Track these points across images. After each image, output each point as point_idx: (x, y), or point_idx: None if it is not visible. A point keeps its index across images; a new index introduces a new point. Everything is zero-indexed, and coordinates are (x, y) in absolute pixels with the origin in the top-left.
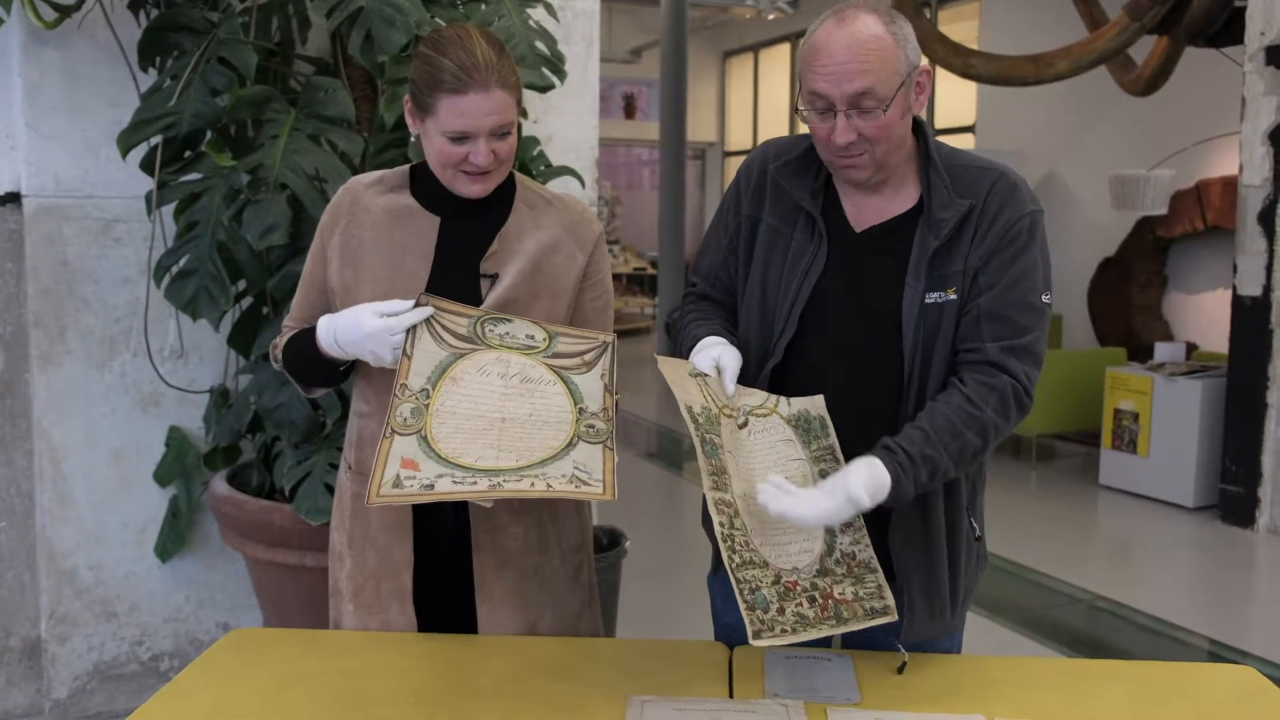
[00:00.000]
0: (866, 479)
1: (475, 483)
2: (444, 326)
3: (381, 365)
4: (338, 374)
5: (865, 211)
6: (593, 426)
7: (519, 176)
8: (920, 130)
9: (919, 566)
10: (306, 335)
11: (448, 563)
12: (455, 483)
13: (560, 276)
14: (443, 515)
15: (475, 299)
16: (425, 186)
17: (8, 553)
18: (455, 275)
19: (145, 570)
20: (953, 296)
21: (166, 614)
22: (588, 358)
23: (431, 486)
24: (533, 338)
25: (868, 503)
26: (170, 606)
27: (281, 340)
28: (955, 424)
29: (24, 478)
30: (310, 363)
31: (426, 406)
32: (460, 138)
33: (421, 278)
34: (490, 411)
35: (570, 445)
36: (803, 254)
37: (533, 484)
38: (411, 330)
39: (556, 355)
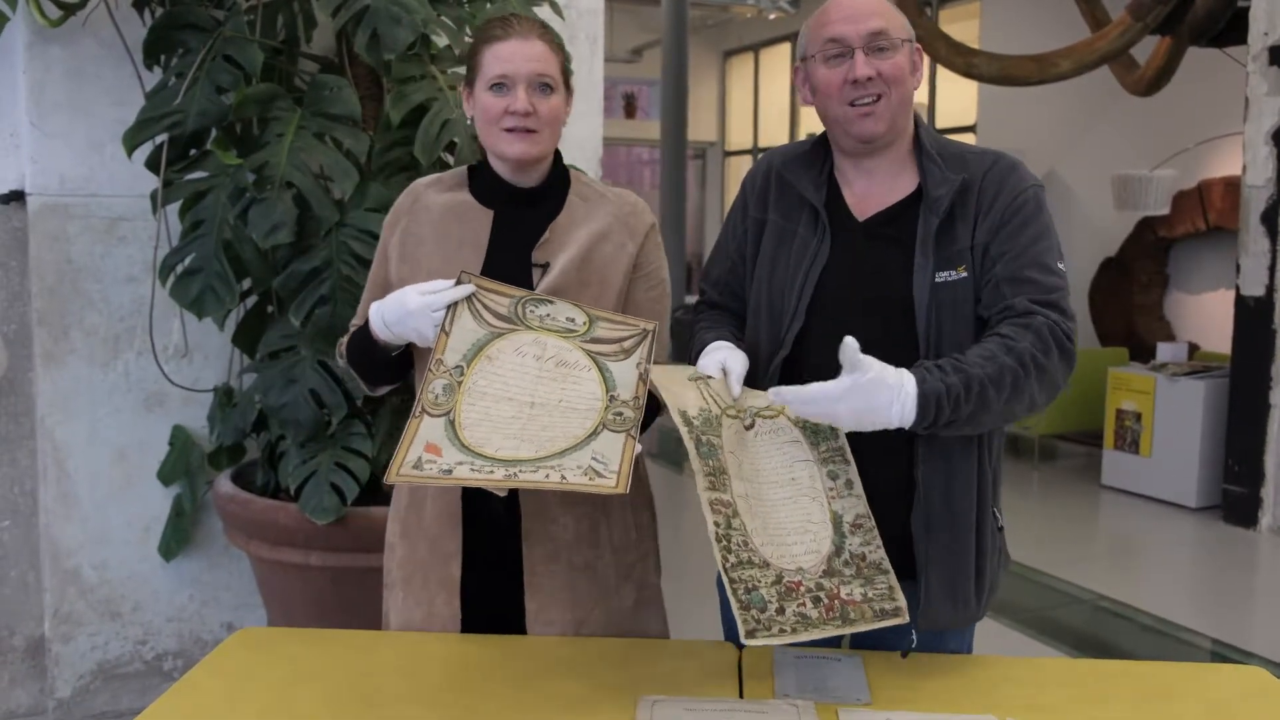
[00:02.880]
0: (875, 362)
1: (492, 471)
2: (485, 306)
3: (426, 345)
4: (396, 364)
5: (867, 201)
6: (620, 414)
7: (574, 173)
8: (915, 119)
9: (941, 553)
10: (365, 329)
11: (497, 556)
12: (473, 470)
13: (609, 265)
14: (493, 506)
15: (526, 288)
16: (482, 183)
17: (11, 552)
18: (507, 265)
19: (149, 569)
20: (963, 274)
21: (170, 613)
22: (626, 345)
23: (450, 472)
24: (573, 320)
25: (869, 373)
26: (174, 606)
27: (346, 338)
28: (989, 349)
29: (28, 476)
30: (367, 354)
31: (459, 384)
32: (500, 85)
33: (474, 268)
34: (521, 394)
35: (594, 434)
36: (807, 246)
37: (548, 475)
38: (452, 308)
39: (595, 340)
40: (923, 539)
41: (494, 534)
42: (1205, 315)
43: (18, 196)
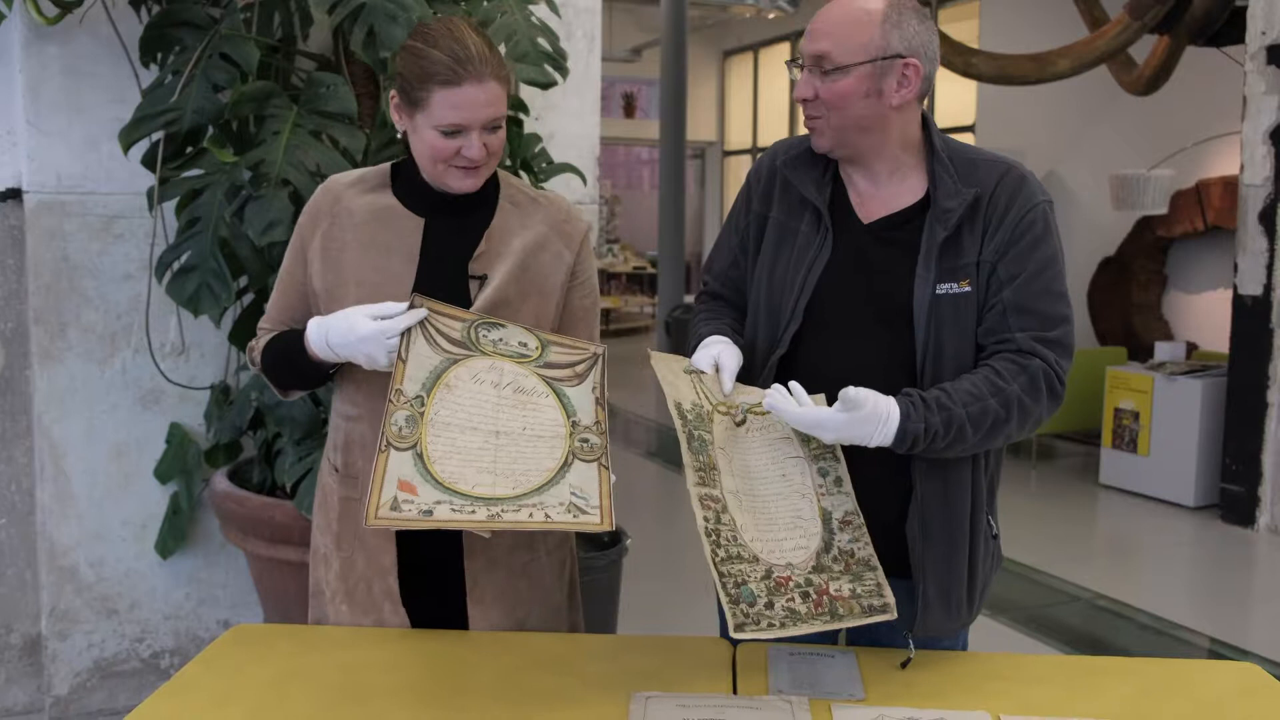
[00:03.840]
0: (869, 396)
1: (474, 512)
2: (438, 330)
3: (375, 368)
4: (322, 376)
5: (872, 204)
6: (587, 441)
7: (502, 174)
8: (926, 123)
9: (937, 562)
10: (290, 337)
11: (436, 563)
12: (454, 510)
13: (548, 275)
14: None
15: (464, 300)
16: (407, 185)
17: (8, 549)
18: (442, 276)
19: (146, 567)
20: (966, 289)
21: (167, 611)
22: (579, 369)
23: (430, 513)
24: (525, 345)
25: (863, 409)
26: (171, 603)
27: (259, 343)
28: (978, 388)
29: (24, 474)
30: (294, 365)
31: (421, 415)
32: (453, 131)
33: (408, 281)
34: (485, 424)
35: (566, 465)
36: (809, 246)
37: (531, 514)
38: (406, 333)
39: (549, 365)
40: (919, 545)
41: (431, 544)
42: (1203, 315)
43: (14, 194)
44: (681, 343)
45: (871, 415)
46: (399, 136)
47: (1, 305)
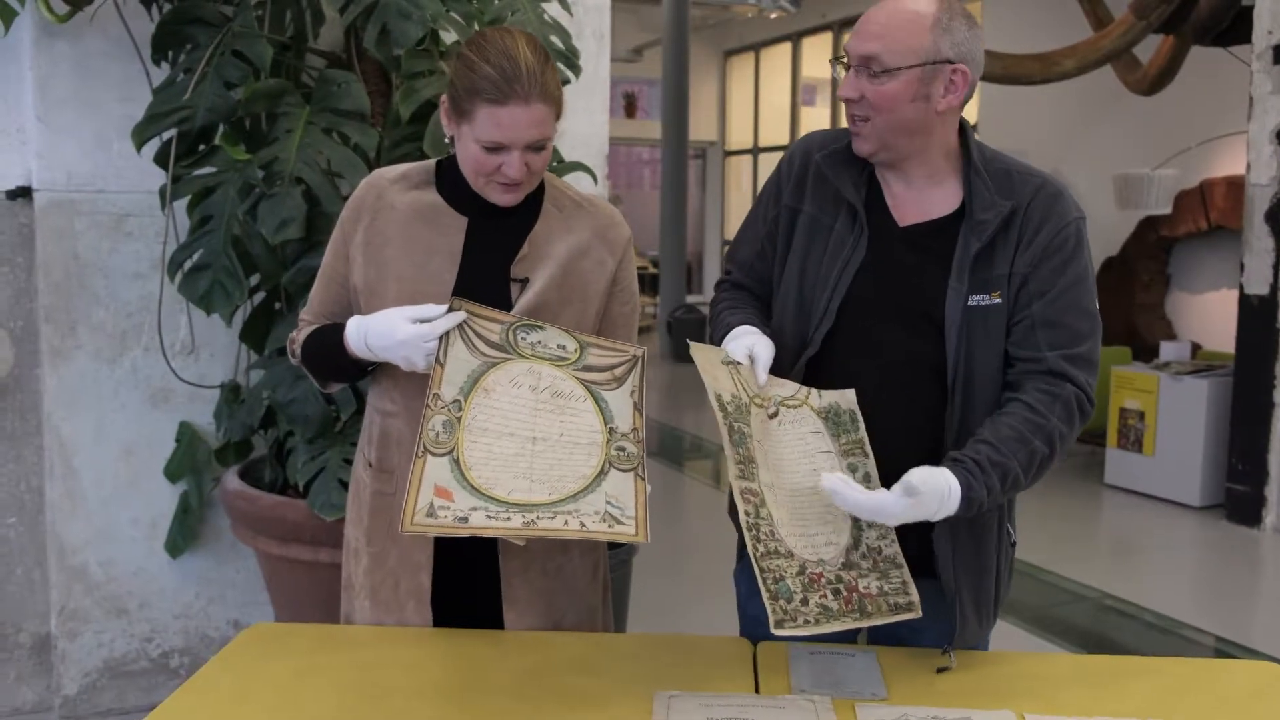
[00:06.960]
0: (930, 478)
1: (509, 519)
2: (476, 333)
3: (413, 370)
4: (360, 372)
5: (908, 207)
6: (623, 450)
7: (548, 176)
8: (964, 132)
9: (970, 575)
10: (330, 333)
11: (470, 563)
12: (489, 517)
13: (590, 282)
14: None
15: (504, 303)
16: (452, 184)
17: (18, 548)
18: (484, 278)
19: (155, 566)
20: (997, 300)
21: (177, 610)
22: (618, 373)
23: (465, 520)
24: (564, 348)
25: (924, 494)
26: (180, 603)
27: (300, 335)
28: (1022, 432)
29: (34, 473)
30: (332, 361)
31: (459, 420)
32: (495, 148)
33: (449, 280)
34: (522, 429)
35: (602, 473)
36: (843, 245)
37: (566, 522)
38: (444, 336)
39: (587, 368)
40: (950, 562)
41: (466, 544)
42: (1206, 315)
43: (25, 192)
44: (682, 342)
45: (931, 497)
46: (446, 140)
47: (11, 304)
